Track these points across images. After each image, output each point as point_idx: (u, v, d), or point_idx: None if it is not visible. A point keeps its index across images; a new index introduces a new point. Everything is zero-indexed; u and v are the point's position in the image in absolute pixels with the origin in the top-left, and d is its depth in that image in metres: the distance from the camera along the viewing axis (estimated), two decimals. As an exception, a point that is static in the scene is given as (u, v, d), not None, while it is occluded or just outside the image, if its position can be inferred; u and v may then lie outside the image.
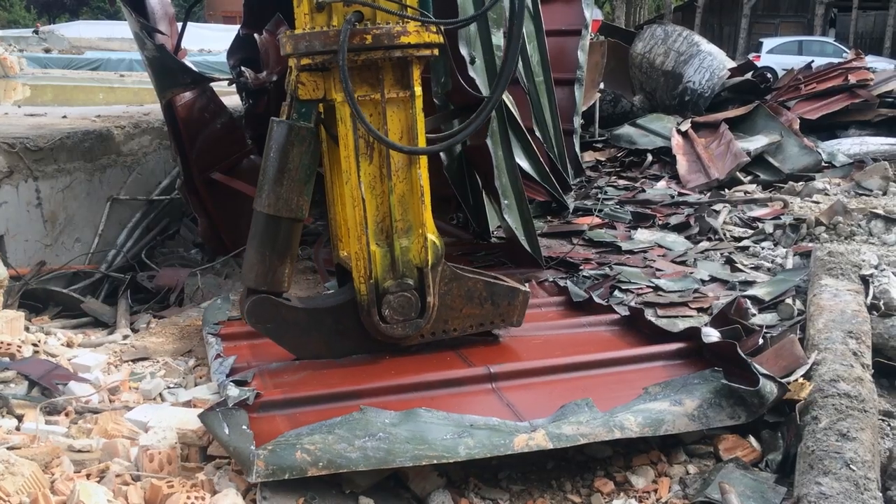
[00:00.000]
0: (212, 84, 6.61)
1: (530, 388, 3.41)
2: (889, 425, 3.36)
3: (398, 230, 3.49)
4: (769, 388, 3.15)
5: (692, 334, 3.71)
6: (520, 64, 7.16)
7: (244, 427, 2.91)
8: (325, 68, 3.35)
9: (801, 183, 8.18)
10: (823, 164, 8.99)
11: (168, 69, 6.10)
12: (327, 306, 3.63)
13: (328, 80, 3.38)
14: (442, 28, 3.51)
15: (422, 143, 3.48)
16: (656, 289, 5.19)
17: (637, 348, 3.77)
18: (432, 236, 3.53)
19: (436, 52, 3.49)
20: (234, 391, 3.16)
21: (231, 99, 7.73)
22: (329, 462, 2.75)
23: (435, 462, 2.83)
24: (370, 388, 3.28)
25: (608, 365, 3.60)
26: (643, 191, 8.47)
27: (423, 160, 3.50)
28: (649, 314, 4.78)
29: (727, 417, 3.13)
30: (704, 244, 6.26)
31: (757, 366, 3.29)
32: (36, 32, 26.76)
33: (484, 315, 3.76)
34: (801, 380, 3.30)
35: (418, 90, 3.44)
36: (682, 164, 9.07)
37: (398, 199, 3.47)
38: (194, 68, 6.68)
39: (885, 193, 7.62)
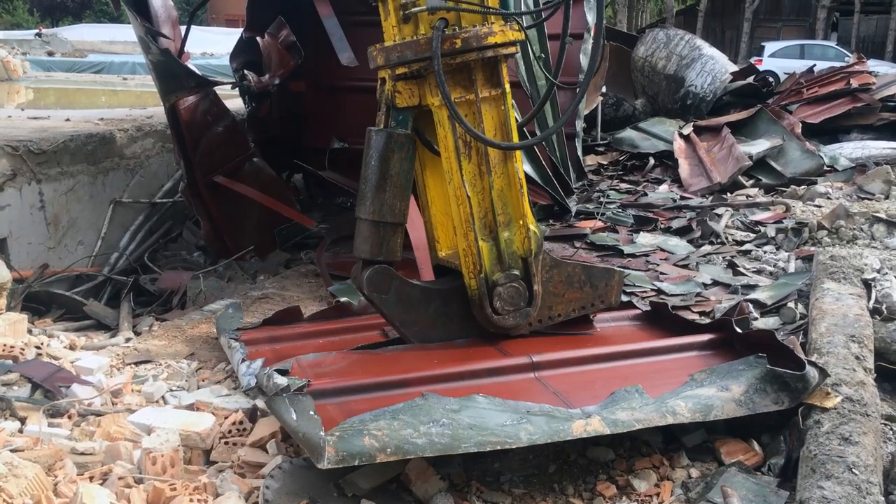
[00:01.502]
0: (215, 87, 6.62)
1: (573, 377, 3.44)
2: (891, 429, 3.35)
3: (500, 223, 3.61)
4: (812, 373, 3.18)
5: (724, 324, 3.78)
6: (522, 68, 7.18)
7: (311, 412, 2.87)
8: (420, 75, 3.48)
9: (803, 187, 8.18)
10: (825, 167, 8.99)
11: (172, 73, 6.12)
12: (439, 288, 3.74)
13: (423, 86, 3.51)
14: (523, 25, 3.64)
15: (515, 137, 3.60)
16: (659, 292, 5.20)
17: (671, 339, 3.79)
18: (532, 226, 3.66)
19: (518, 48, 3.64)
20: (281, 380, 3.13)
21: (234, 102, 7.75)
22: (397, 448, 2.73)
23: (499, 448, 2.84)
24: (418, 376, 3.28)
25: (646, 355, 3.65)
26: (645, 194, 8.47)
27: (518, 154, 3.63)
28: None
29: (772, 402, 3.16)
30: (707, 248, 6.26)
31: (799, 352, 3.34)
32: (39, 35, 26.79)
33: (585, 298, 3.86)
34: (828, 390, 3.30)
35: (507, 87, 3.56)
36: (685, 168, 9.07)
37: (498, 194, 3.60)
38: (198, 72, 6.70)
39: (887, 197, 7.62)
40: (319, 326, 4.19)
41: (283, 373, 3.27)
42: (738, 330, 3.66)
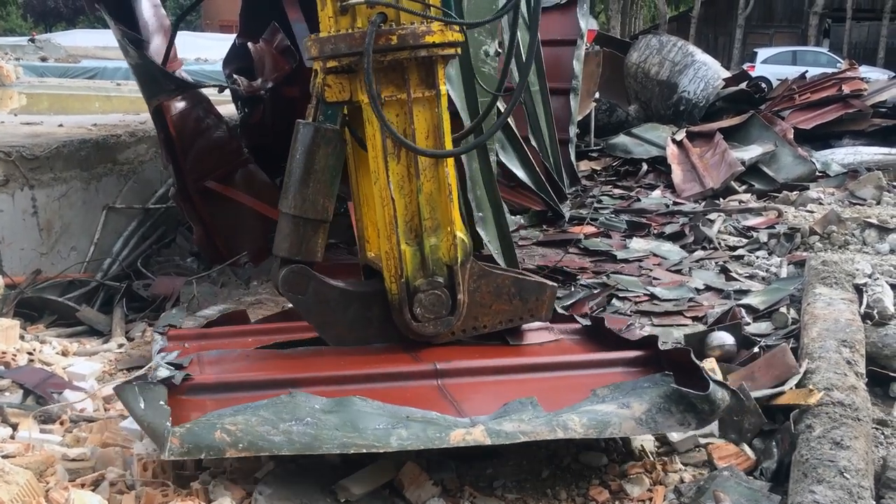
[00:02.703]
0: (207, 94, 6.62)
1: (477, 388, 3.33)
2: (883, 434, 3.37)
3: (427, 229, 3.49)
4: (720, 394, 3.03)
5: (650, 342, 3.63)
6: (515, 73, 7.21)
7: (161, 403, 2.80)
8: (352, 70, 3.37)
9: (795, 192, 8.22)
10: (817, 173, 9.04)
11: (152, 76, 6.12)
12: (359, 291, 3.64)
13: (354, 81, 3.41)
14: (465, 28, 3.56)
15: (448, 142, 3.50)
16: (652, 297, 5.21)
17: (591, 354, 3.68)
18: (461, 234, 3.55)
19: (458, 50, 3.53)
20: (163, 371, 3.08)
21: (227, 108, 7.74)
22: (250, 444, 2.67)
23: (364, 451, 2.76)
24: (308, 377, 3.19)
25: (560, 368, 3.52)
26: (638, 200, 8.50)
27: (450, 160, 3.52)
28: (645, 323, 4.79)
29: (676, 423, 3.01)
30: (699, 253, 6.28)
31: (709, 372, 3.21)
32: (32, 41, 26.76)
33: (513, 311, 3.74)
34: (810, 387, 3.30)
35: (443, 89, 3.46)
36: (677, 174, 9.11)
37: (426, 198, 3.48)
38: (188, 77, 6.70)
39: (878, 203, 7.66)
40: (256, 327, 4.09)
41: (178, 366, 3.20)
42: (660, 347, 3.53)
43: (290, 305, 5.01)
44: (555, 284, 3.89)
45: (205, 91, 6.73)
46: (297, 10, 6.01)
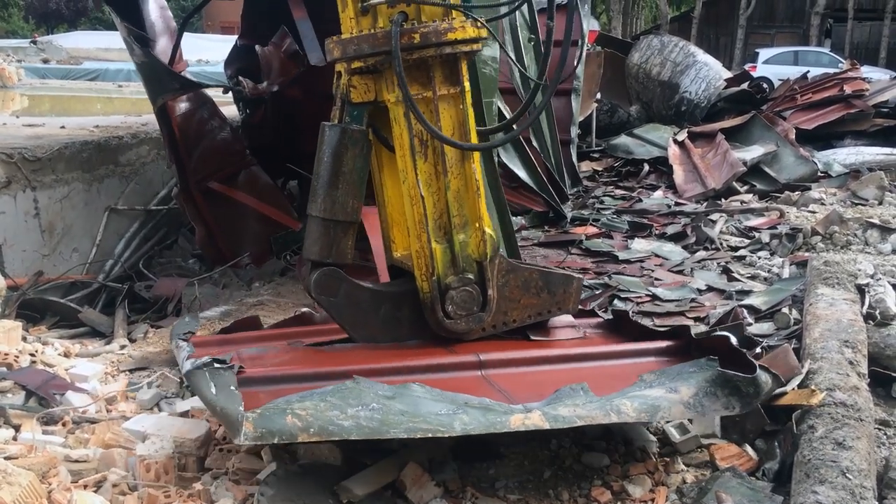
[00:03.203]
0: (210, 95, 6.63)
1: (520, 377, 3.37)
2: (885, 434, 3.37)
3: (456, 225, 3.51)
4: (764, 377, 3.13)
5: (681, 332, 3.71)
6: (517, 74, 7.20)
7: (232, 388, 2.79)
8: (376, 70, 3.38)
9: (797, 192, 8.21)
10: (819, 173, 9.03)
11: (157, 75, 6.12)
12: (390, 291, 3.67)
13: (379, 81, 3.41)
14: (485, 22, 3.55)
15: (473, 137, 3.51)
16: (654, 298, 5.21)
17: (625, 344, 3.74)
18: (488, 229, 3.57)
19: (480, 46, 3.53)
20: (208, 358, 3.04)
21: (230, 109, 7.75)
22: (321, 428, 2.67)
23: (430, 435, 2.78)
24: (357, 369, 3.19)
25: (599, 358, 3.58)
26: (640, 200, 8.50)
27: (476, 155, 3.54)
28: (647, 323, 4.79)
29: (722, 407, 3.08)
30: (701, 254, 6.28)
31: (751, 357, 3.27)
32: (34, 43, 26.80)
33: (541, 304, 3.76)
34: (813, 387, 3.30)
35: (467, 85, 3.48)
36: (679, 174, 9.11)
37: (454, 195, 3.49)
38: (192, 77, 6.71)
39: (880, 203, 7.65)
40: (276, 332, 4.08)
41: (220, 362, 3.14)
42: (694, 336, 3.60)
43: (293, 307, 5.03)
44: (580, 276, 3.93)
45: (208, 92, 6.74)
46: (301, 9, 6.00)
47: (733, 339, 3.42)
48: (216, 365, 2.94)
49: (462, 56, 3.42)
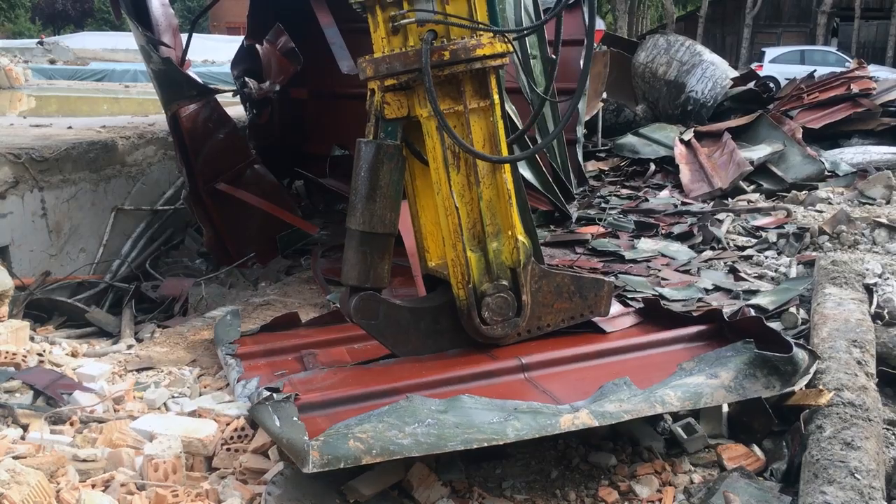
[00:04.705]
0: (216, 95, 6.64)
1: (562, 376, 3.46)
2: (894, 434, 3.35)
3: (489, 234, 3.63)
4: (801, 355, 3.18)
5: (713, 316, 3.79)
6: (522, 75, 7.20)
7: (295, 419, 2.90)
8: (409, 87, 3.50)
9: (804, 192, 8.18)
10: (826, 173, 8.99)
11: (174, 81, 6.14)
12: (427, 307, 3.78)
13: (412, 97, 3.53)
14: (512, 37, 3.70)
15: (503, 149, 3.63)
16: (660, 298, 5.19)
17: (660, 332, 3.81)
18: (521, 237, 3.67)
19: (507, 60, 3.64)
20: (267, 392, 3.17)
21: (235, 110, 7.77)
22: (382, 449, 2.74)
23: (486, 444, 2.85)
24: (407, 384, 3.30)
25: (636, 350, 3.67)
26: (646, 200, 8.48)
27: (507, 165, 3.65)
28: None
29: (763, 388, 3.16)
30: (708, 253, 6.26)
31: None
32: (41, 44, 26.90)
33: (574, 308, 3.87)
34: (821, 387, 3.30)
35: (496, 98, 3.59)
36: (685, 174, 9.08)
37: (486, 205, 3.62)
38: (199, 79, 6.73)
39: (888, 202, 7.62)
40: (315, 338, 4.18)
41: (274, 391, 3.28)
42: (727, 318, 3.69)
43: (299, 307, 5.04)
44: (611, 280, 4.00)
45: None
46: (328, 15, 6.04)
47: (764, 320, 3.50)
48: (276, 397, 3.06)
49: (491, 70, 3.54)
